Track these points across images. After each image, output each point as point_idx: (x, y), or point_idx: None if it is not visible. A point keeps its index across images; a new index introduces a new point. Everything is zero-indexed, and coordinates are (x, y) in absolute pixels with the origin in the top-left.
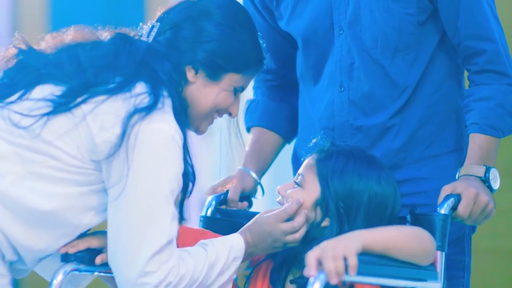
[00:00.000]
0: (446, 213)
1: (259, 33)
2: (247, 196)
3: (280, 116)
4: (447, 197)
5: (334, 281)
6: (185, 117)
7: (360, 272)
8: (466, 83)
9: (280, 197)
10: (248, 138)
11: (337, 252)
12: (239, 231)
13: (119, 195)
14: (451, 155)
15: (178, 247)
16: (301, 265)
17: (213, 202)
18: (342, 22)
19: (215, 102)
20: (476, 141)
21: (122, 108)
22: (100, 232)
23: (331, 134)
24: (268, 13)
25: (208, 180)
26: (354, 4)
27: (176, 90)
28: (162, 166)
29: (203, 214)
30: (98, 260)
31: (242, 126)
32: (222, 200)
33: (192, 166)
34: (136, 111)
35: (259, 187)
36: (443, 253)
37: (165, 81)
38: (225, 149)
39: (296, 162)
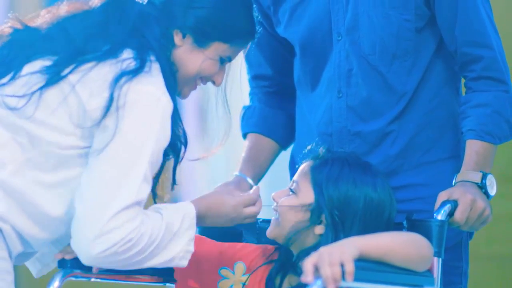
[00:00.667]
0: (443, 219)
1: (254, 6)
2: None
3: (276, 123)
4: (443, 203)
5: (331, 287)
6: (174, 81)
7: (357, 278)
8: (463, 91)
9: (274, 204)
10: (244, 144)
11: (334, 258)
12: (192, 201)
13: (101, 150)
14: (448, 161)
15: None
16: (297, 272)
17: None
18: (341, 28)
19: (199, 68)
20: (473, 148)
21: (109, 73)
22: None
23: (329, 140)
24: (266, 19)
25: (205, 184)
26: (352, 10)
27: (165, 54)
28: (145, 127)
29: None
30: (95, 268)
31: (230, 97)
32: None
33: (184, 130)
34: (123, 74)
35: None
36: (440, 259)
37: (153, 46)
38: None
39: (293, 168)
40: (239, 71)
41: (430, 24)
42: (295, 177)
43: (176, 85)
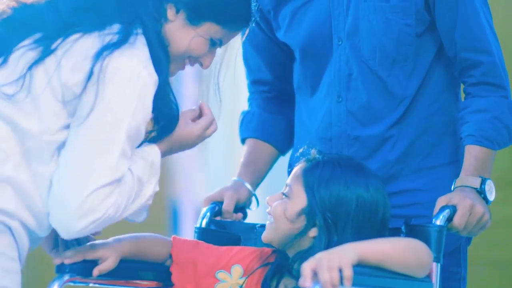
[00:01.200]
0: (441, 224)
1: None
2: (241, 207)
3: (275, 128)
4: (442, 209)
5: None
6: (165, 55)
7: (355, 283)
8: (462, 97)
9: (269, 208)
10: (243, 149)
11: (333, 263)
12: (158, 145)
13: (78, 126)
14: (447, 167)
15: (172, 259)
16: (293, 274)
17: (208, 213)
18: (341, 32)
19: (188, 46)
20: (472, 153)
21: (92, 48)
22: (96, 244)
23: (328, 145)
24: (266, 24)
25: (202, 188)
26: (353, 15)
27: (155, 28)
28: (122, 102)
29: (198, 225)
30: (96, 272)
31: (223, 84)
32: (217, 211)
33: (175, 104)
34: (104, 48)
35: (253, 198)
36: (439, 264)
37: (143, 19)
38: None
39: None
40: (233, 72)
41: (430, 29)
42: (288, 181)
43: (168, 58)
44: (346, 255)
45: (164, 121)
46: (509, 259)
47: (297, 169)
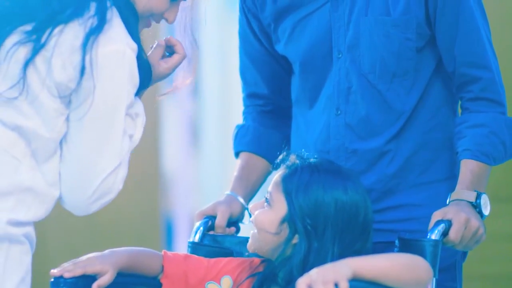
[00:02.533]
0: (436, 239)
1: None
2: (234, 222)
3: (269, 142)
4: (437, 223)
5: None
6: (135, 19)
7: None
8: (459, 112)
9: (252, 217)
10: (237, 163)
11: (328, 277)
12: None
13: (81, 118)
14: (445, 182)
15: (163, 272)
16: (278, 283)
17: (201, 228)
18: (341, 46)
19: (148, 5)
20: (468, 167)
21: (77, 38)
22: (94, 257)
23: (326, 157)
24: (265, 37)
25: (196, 201)
26: (354, 28)
27: None
28: (116, 86)
29: (191, 240)
30: (95, 287)
31: (198, 37)
32: (210, 225)
33: (147, 61)
34: (88, 35)
35: (246, 212)
36: (434, 279)
37: None
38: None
39: None
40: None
41: (430, 43)
42: (269, 188)
43: (137, 20)
44: (340, 269)
45: (141, 77)
46: (503, 273)
47: (277, 176)
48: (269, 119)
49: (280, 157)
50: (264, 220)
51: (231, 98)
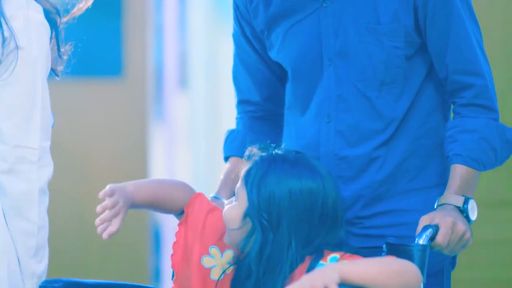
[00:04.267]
0: (424, 244)
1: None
2: None
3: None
4: (425, 228)
5: None
6: None
7: None
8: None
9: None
10: (224, 167)
11: (316, 282)
12: None
13: (3, 86)
14: (435, 189)
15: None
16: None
17: None
18: (331, 53)
19: None
20: (458, 172)
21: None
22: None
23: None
24: (258, 43)
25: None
26: (343, 36)
27: None
28: (39, 51)
29: None
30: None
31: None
32: None
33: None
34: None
35: None
36: (421, 284)
37: None
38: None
39: None
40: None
41: (420, 51)
42: (238, 183)
43: None
44: (328, 274)
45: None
46: (490, 279)
47: (243, 170)
48: (259, 125)
49: (247, 152)
50: (229, 215)
51: (220, 100)
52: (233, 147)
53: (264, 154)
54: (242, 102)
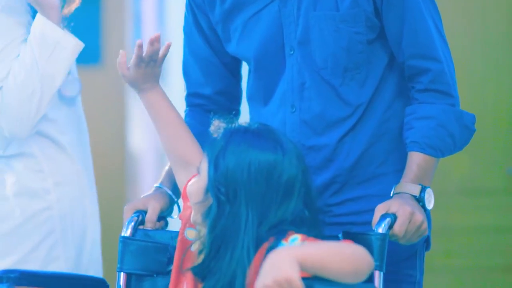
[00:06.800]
0: (384, 232)
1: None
2: (163, 216)
3: (205, 140)
4: (384, 217)
5: None
6: None
7: None
8: None
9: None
10: None
11: (280, 277)
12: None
13: None
14: (403, 173)
15: None
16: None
17: (133, 223)
18: (293, 42)
19: None
20: (415, 160)
21: None
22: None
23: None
24: (213, 34)
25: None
26: (303, 24)
27: None
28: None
29: (123, 234)
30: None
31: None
32: (140, 220)
33: None
34: None
35: (175, 206)
36: (381, 273)
37: None
38: None
39: None
40: None
41: (381, 36)
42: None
43: None
44: (289, 267)
45: None
46: (466, 266)
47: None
48: (208, 118)
49: (212, 126)
50: (192, 190)
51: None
52: None
53: (222, 127)
54: (191, 95)
